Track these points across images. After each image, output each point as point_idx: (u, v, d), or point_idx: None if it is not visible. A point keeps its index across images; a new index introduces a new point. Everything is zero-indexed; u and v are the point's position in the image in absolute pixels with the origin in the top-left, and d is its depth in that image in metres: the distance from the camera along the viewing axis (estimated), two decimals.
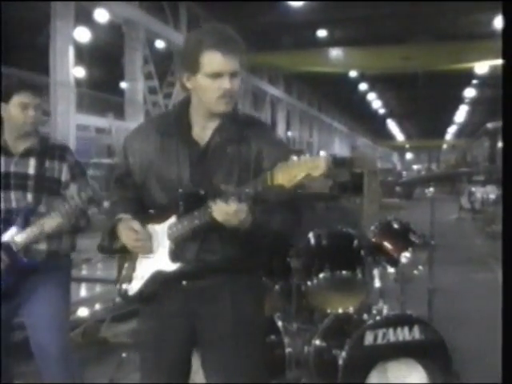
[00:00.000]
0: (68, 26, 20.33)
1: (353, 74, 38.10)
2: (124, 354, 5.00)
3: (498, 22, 26.30)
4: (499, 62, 28.86)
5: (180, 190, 2.66)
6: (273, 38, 30.85)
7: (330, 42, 31.78)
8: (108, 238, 2.80)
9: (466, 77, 38.12)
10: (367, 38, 30.39)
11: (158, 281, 2.72)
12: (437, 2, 24.13)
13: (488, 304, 4.03)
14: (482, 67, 33.94)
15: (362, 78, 40.24)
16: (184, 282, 2.72)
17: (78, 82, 23.31)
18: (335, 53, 33.52)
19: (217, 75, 2.59)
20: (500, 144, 33.65)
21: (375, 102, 51.50)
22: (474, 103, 51.59)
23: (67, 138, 19.35)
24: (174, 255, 2.67)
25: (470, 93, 45.53)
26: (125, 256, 2.85)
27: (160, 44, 26.95)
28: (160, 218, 2.72)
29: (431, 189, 5.45)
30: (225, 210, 2.46)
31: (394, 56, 31.03)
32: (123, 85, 26.96)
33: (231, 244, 2.64)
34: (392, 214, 5.82)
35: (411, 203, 23.89)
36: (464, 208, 21.69)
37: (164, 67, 27.96)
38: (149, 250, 2.74)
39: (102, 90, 27.96)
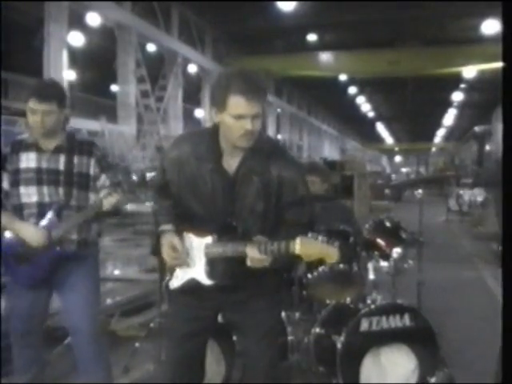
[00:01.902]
0: (61, 30, 20.27)
1: (342, 77, 38.15)
2: (137, 344, 5.33)
3: (486, 27, 26.66)
4: (487, 66, 29.28)
5: (217, 219, 3.13)
6: (263, 42, 31.01)
7: (320, 46, 31.95)
8: (155, 245, 3.27)
9: (454, 81, 38.31)
10: (357, 43, 30.62)
11: (194, 285, 3.20)
12: (425, 7, 24.44)
13: (471, 298, 4.39)
14: (469, 71, 34.21)
15: (352, 81, 40.36)
16: (213, 288, 3.19)
17: (71, 86, 23.40)
18: (325, 57, 33.71)
19: (240, 117, 2.95)
20: (487, 147, 33.98)
21: (364, 106, 51.55)
22: (462, 107, 51.79)
23: None
24: (210, 274, 3.15)
25: (457, 97, 45.66)
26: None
27: (151, 47, 26.99)
28: (197, 230, 3.18)
29: (420, 191, 5.84)
30: (253, 256, 2.95)
31: (383, 60, 31.24)
32: (115, 88, 27.06)
33: (254, 271, 3.06)
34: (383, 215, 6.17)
35: (400, 205, 24.17)
36: (452, 210, 21.91)
37: (156, 71, 28.05)
38: (183, 265, 3.21)
39: (95, 94, 28.10)
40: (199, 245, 3.16)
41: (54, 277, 4.00)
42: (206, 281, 3.15)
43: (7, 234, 4.02)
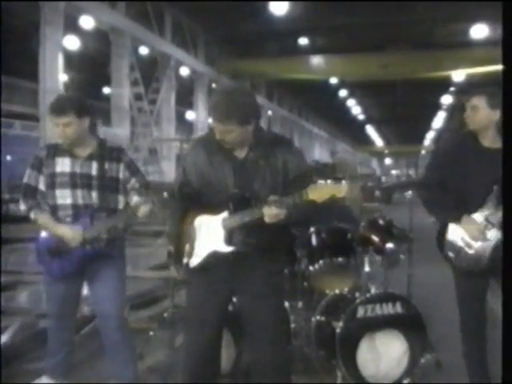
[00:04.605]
0: (57, 34, 20.14)
1: (333, 80, 38.24)
2: (151, 333, 5.73)
3: (475, 32, 27.03)
4: (476, 70, 29.64)
5: (231, 193, 3.66)
6: (256, 45, 31.10)
7: (312, 49, 32.08)
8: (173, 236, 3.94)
9: (444, 84, 38.43)
10: (347, 46, 30.65)
11: (214, 257, 3.70)
12: (415, 12, 24.77)
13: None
14: (458, 75, 34.49)
15: (342, 84, 40.44)
16: (231, 257, 3.68)
17: (66, 89, 23.50)
18: (316, 60, 33.85)
19: (219, 132, 3.61)
20: None
21: (355, 108, 51.35)
22: (451, 110, 52.08)
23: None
24: (228, 240, 3.65)
25: (447, 100, 45.99)
26: (184, 239, 3.82)
27: (144, 50, 26.92)
28: (214, 212, 3.70)
29: (410, 192, 6.31)
30: (270, 213, 3.44)
31: (373, 64, 31.23)
32: (109, 91, 27.17)
33: (266, 231, 3.56)
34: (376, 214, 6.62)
35: (390, 207, 24.49)
36: None
37: (149, 73, 28.13)
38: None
39: (89, 96, 28.21)
40: (217, 222, 3.68)
41: (85, 269, 4.44)
42: (226, 248, 3.66)
43: (43, 231, 4.47)
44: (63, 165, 4.43)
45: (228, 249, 3.65)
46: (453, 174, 4.33)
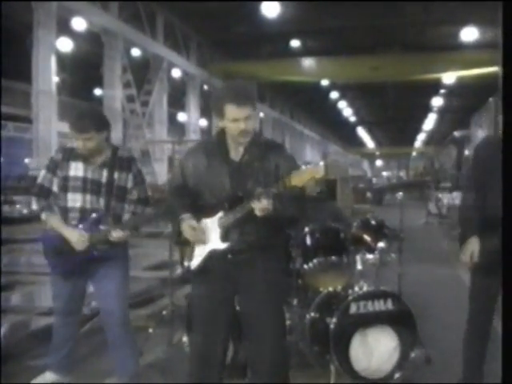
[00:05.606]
0: (50, 36, 20.29)
1: (324, 82, 38.41)
2: (151, 330, 5.89)
3: (465, 35, 27.26)
4: (466, 72, 29.88)
5: (227, 194, 3.83)
6: (248, 47, 31.16)
7: (303, 52, 32.23)
8: (177, 234, 3.96)
9: (434, 86, 38.62)
10: (339, 49, 30.75)
11: (213, 256, 3.87)
12: (406, 14, 24.98)
13: (446, 291, 4.92)
14: (449, 77, 34.66)
15: (334, 86, 40.58)
16: (230, 256, 3.84)
17: (59, 90, 23.49)
18: (308, 62, 33.96)
19: (235, 120, 3.74)
20: (466, 152, 34.63)
21: (346, 110, 51.57)
22: (441, 112, 52.23)
23: (49, 144, 19.56)
24: (224, 238, 3.83)
25: (437, 102, 45.99)
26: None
27: (137, 52, 27.09)
28: (210, 212, 3.88)
29: (400, 193, 6.51)
30: (259, 206, 3.57)
31: (364, 66, 31.34)
32: (102, 93, 27.17)
33: (261, 228, 3.77)
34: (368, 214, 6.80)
35: (382, 209, 24.66)
36: (431, 213, 22.35)
37: (141, 75, 28.19)
38: (203, 242, 3.88)
39: (82, 98, 28.37)
40: (213, 222, 3.86)
41: (89, 267, 4.61)
42: (222, 245, 3.82)
43: (49, 231, 4.64)
44: (77, 169, 4.63)
45: (223, 246, 3.81)
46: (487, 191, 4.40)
